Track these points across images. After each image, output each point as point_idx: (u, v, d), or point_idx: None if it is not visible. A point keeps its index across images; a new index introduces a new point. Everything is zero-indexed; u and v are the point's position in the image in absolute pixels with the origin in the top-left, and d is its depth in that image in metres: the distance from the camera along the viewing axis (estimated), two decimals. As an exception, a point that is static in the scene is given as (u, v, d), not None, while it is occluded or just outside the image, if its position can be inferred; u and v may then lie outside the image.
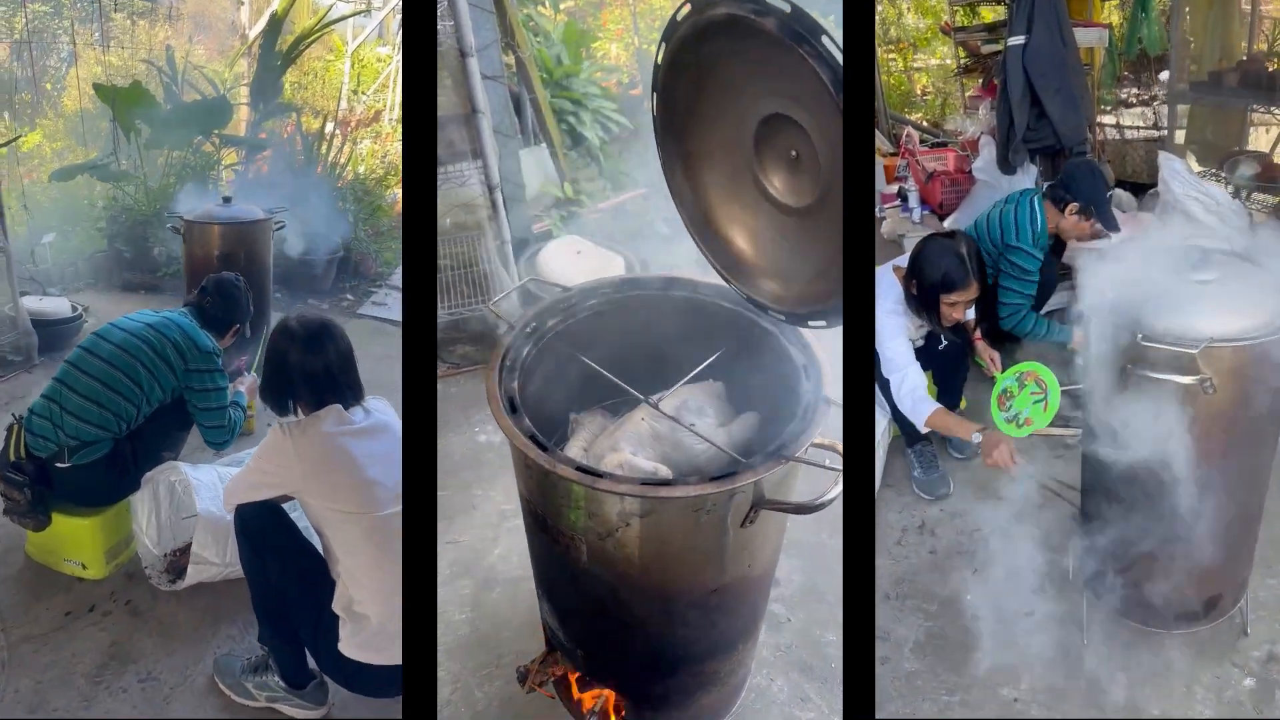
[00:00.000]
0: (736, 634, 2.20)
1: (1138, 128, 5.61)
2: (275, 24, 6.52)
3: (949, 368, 3.48)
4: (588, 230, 5.39)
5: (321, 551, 2.34)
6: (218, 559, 2.77)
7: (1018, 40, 4.30)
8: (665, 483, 1.81)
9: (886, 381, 3.18)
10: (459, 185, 4.13)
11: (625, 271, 4.66)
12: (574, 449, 2.17)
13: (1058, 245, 3.89)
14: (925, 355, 3.30)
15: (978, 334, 3.49)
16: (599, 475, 1.80)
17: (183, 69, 6.79)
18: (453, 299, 4.20)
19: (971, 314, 3.48)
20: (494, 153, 4.20)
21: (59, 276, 5.83)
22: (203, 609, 2.85)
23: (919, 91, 7.89)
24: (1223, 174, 4.36)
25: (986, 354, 3.42)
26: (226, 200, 4.25)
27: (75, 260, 5.91)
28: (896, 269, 3.15)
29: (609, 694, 2.20)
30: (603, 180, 6.13)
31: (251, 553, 2.33)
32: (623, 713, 2.20)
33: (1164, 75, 5.68)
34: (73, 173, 6.01)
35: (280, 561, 2.32)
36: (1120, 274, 2.30)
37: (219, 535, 2.74)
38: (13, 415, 2.94)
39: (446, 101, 3.99)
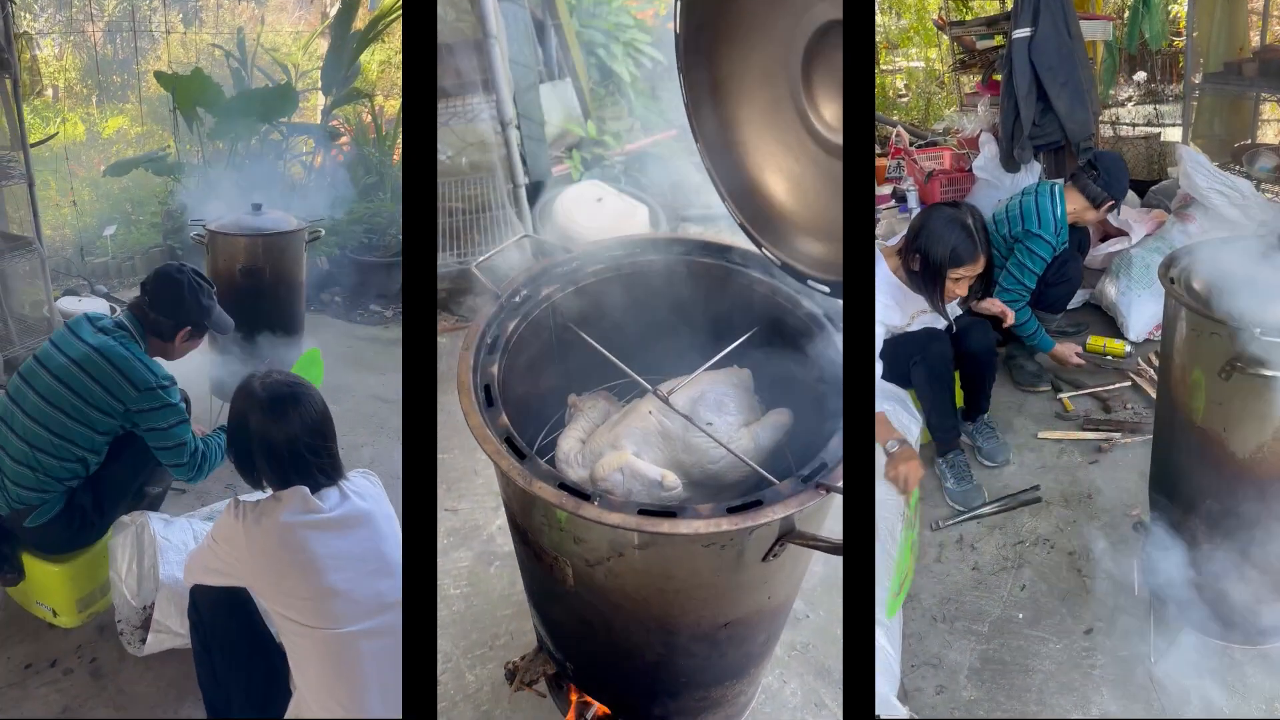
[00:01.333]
0: (749, 661, 1.94)
1: (1134, 124, 5.41)
2: (350, 2, 5.80)
3: (977, 372, 3.13)
4: (612, 175, 4.77)
5: None
6: (181, 629, 2.36)
7: (1023, 33, 4.08)
8: (668, 513, 1.45)
9: (924, 387, 2.88)
10: (467, 121, 3.57)
11: (649, 223, 4.13)
12: (569, 440, 1.77)
13: (1074, 238, 3.60)
14: (957, 358, 2.97)
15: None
16: (585, 497, 1.45)
17: (253, 53, 6.16)
18: (462, 246, 3.69)
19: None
20: (508, 85, 3.66)
21: (116, 270, 5.34)
22: (169, 680, 2.44)
23: (891, 94, 7.58)
24: (1238, 167, 4.11)
25: None
26: (256, 207, 3.55)
27: (134, 254, 5.45)
28: (885, 249, 2.82)
29: (599, 708, 1.95)
30: (632, 119, 5.40)
31: (200, 647, 1.95)
32: None
33: (1139, 76, 5.50)
34: (127, 167, 5.53)
35: (229, 662, 1.92)
36: (1209, 268, 2.13)
37: (183, 605, 2.32)
38: None
39: (461, 26, 3.44)
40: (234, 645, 1.90)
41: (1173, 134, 5.33)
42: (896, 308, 2.84)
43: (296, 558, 1.75)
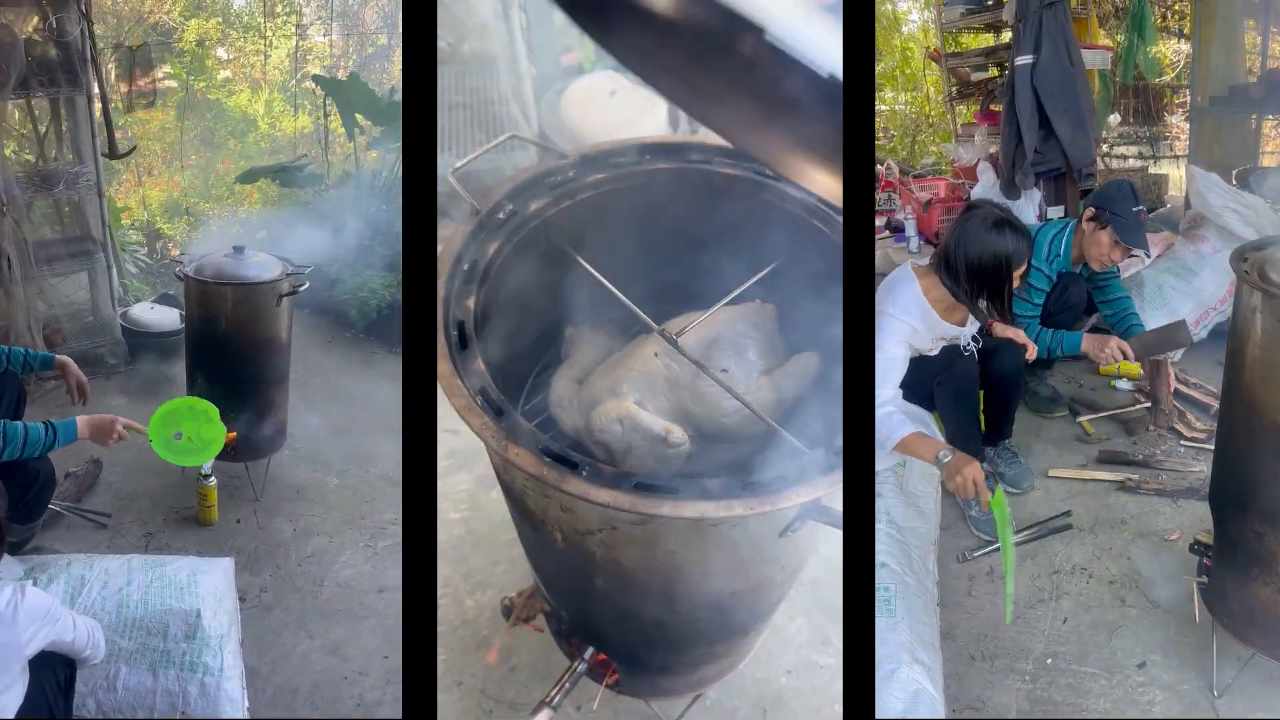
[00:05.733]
0: (757, 619, 1.86)
1: (1125, 156, 5.26)
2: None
3: (1004, 393, 2.83)
4: (629, 64, 4.34)
5: None
6: None
7: (1025, 60, 3.94)
8: (668, 490, 1.20)
9: (948, 408, 2.61)
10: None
11: (668, 122, 3.65)
12: (564, 381, 1.49)
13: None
14: (980, 379, 2.69)
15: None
16: (572, 466, 1.23)
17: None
18: (461, 147, 3.26)
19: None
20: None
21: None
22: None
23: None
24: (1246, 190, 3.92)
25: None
26: (238, 250, 3.10)
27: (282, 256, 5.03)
28: (918, 268, 2.51)
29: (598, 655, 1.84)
30: (656, 1, 4.86)
31: None
32: (615, 675, 1.84)
33: (1114, 119, 5.38)
34: (256, 175, 5.21)
35: None
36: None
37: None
38: None
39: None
40: None
41: (1165, 166, 5.18)
42: (923, 330, 2.53)
43: None
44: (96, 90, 3.82)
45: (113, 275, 4.06)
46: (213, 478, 2.90)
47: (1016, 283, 2.40)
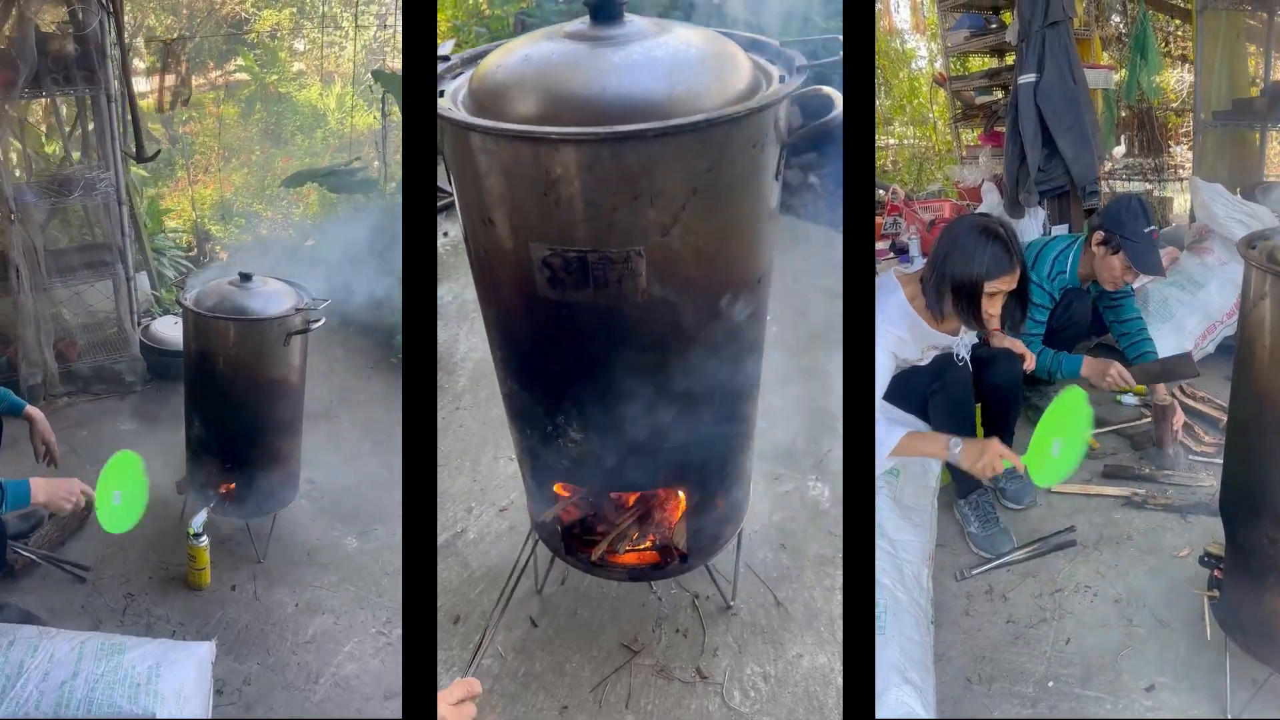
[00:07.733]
0: (741, 401, 1.88)
1: (1128, 179, 5.13)
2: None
3: (1002, 405, 2.67)
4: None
5: None
6: None
7: (1028, 78, 3.86)
8: None
9: (943, 419, 2.45)
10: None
11: None
12: None
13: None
14: (976, 389, 2.55)
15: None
16: None
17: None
18: None
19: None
20: None
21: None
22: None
23: (881, 166, 7.24)
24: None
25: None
26: (245, 277, 2.65)
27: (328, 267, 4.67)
28: (902, 276, 2.41)
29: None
30: None
31: None
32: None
33: (1118, 150, 5.28)
34: (304, 179, 4.78)
35: None
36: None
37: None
38: None
39: None
40: None
41: (1169, 190, 5.04)
42: (911, 340, 2.41)
43: None
44: (120, 88, 3.45)
45: (134, 288, 3.74)
46: (204, 537, 2.53)
47: (995, 304, 2.23)
